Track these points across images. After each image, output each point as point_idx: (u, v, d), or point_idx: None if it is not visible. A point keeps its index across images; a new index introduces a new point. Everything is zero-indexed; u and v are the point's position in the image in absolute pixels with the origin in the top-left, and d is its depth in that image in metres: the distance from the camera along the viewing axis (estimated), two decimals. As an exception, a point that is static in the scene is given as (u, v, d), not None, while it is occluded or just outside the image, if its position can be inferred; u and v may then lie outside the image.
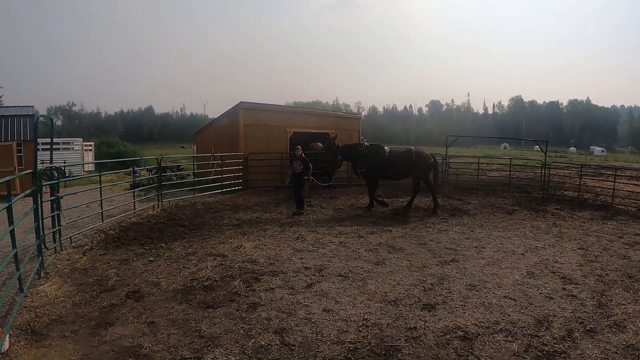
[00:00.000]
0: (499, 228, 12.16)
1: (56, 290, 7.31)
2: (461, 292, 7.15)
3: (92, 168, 31.89)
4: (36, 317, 6.26)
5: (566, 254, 9.50)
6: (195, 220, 13.07)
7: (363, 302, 6.75)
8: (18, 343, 5.51)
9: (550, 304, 6.69)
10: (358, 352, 5.21)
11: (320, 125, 23.64)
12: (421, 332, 5.71)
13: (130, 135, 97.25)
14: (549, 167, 18.65)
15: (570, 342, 5.44)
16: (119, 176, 24.57)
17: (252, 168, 19.95)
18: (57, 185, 9.84)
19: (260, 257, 9.22)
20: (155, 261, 8.98)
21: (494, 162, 29.87)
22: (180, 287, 7.45)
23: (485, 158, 28.67)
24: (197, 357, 5.15)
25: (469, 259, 9.11)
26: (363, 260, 9.01)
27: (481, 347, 5.32)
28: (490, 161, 29.95)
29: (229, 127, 21.85)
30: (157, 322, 6.11)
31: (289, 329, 5.85)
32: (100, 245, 10.29)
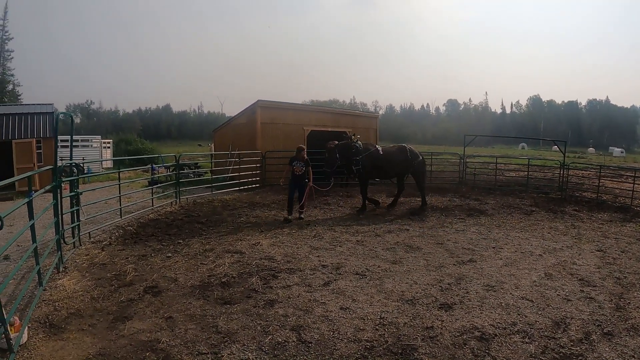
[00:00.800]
0: (517, 229, 12.08)
1: (75, 284, 7.40)
2: (478, 293, 7.12)
3: (111, 165, 32.18)
4: (55, 311, 6.34)
5: (584, 256, 9.42)
6: (213, 217, 13.15)
7: (380, 301, 6.75)
8: (36, 335, 5.58)
9: (567, 306, 6.64)
10: (374, 351, 5.22)
11: (338, 123, 23.66)
12: (438, 332, 5.70)
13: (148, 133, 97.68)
14: (567, 167, 18.47)
15: (587, 345, 5.39)
16: (137, 173, 24.82)
17: (269, 166, 20.01)
18: (76, 181, 9.95)
19: (277, 254, 9.26)
20: (172, 257, 9.05)
21: (512, 162, 29.64)
22: (198, 283, 7.51)
23: (503, 158, 28.52)
24: (214, 352, 5.18)
25: (487, 259, 9.07)
26: (380, 259, 9.00)
27: (498, 348, 5.30)
28: (508, 161, 29.75)
29: (246, 125, 21.92)
30: (174, 317, 6.16)
31: (305, 326, 5.86)
32: (118, 240, 10.39)
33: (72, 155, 10.05)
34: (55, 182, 8.27)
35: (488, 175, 22.46)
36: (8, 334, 4.94)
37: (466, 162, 21.54)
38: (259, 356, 5.10)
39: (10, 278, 5.93)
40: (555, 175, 20.33)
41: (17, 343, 5.15)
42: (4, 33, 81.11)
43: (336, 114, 25.75)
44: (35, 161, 20.74)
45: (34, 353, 5.19)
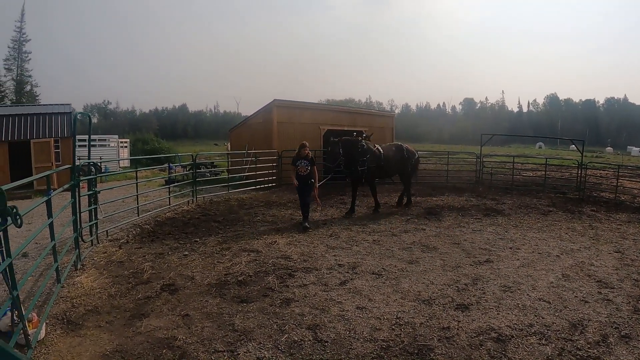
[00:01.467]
0: (534, 229, 11.99)
1: (92, 281, 7.49)
2: (495, 293, 7.08)
3: (128, 164, 32.45)
4: (72, 307, 6.43)
5: (602, 257, 9.32)
6: (229, 216, 13.23)
7: (396, 301, 6.75)
8: (54, 332, 5.67)
9: (585, 307, 6.57)
10: (390, 350, 5.22)
11: (354, 123, 23.67)
12: (454, 333, 5.69)
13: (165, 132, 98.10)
14: (585, 167, 18.28)
15: (604, 348, 5.33)
16: (153, 172, 24.98)
17: (285, 165, 20.04)
18: (94, 180, 10.06)
19: (293, 253, 9.29)
20: (189, 255, 9.13)
21: (529, 161, 29.43)
22: (215, 281, 7.57)
23: (520, 157, 28.30)
24: (231, 350, 5.22)
25: (503, 259, 9.02)
26: (397, 259, 9.00)
27: (514, 349, 5.27)
28: (525, 160, 29.51)
29: (262, 125, 22.03)
30: (191, 315, 6.21)
31: (322, 325, 5.88)
32: (135, 239, 10.50)
33: (90, 155, 10.16)
34: (73, 181, 8.36)
35: (505, 175, 22.33)
36: (26, 330, 5.03)
37: (483, 162, 21.42)
38: (275, 354, 5.13)
39: (29, 275, 6.01)
40: (573, 175, 20.16)
41: (35, 339, 5.24)
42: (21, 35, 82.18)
43: (352, 113, 25.78)
44: (53, 160, 21.01)
45: (52, 349, 5.27)
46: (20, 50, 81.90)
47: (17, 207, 4.58)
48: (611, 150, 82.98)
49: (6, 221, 4.49)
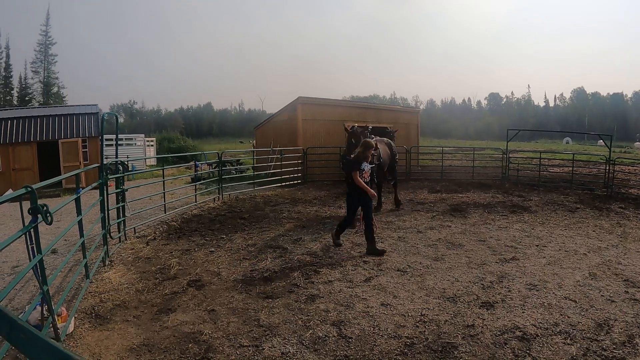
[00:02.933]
0: (561, 226, 11.86)
1: (120, 277, 7.65)
2: (521, 291, 7.04)
3: (154, 162, 32.79)
4: (100, 302, 6.58)
5: (630, 256, 9.17)
6: (255, 213, 13.33)
7: (421, 298, 6.75)
8: (82, 326, 5.81)
9: (611, 307, 6.48)
10: (414, 348, 5.23)
11: (379, 119, 23.64)
12: (479, 330, 5.68)
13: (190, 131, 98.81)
14: (613, 163, 17.99)
15: (630, 348, 5.25)
16: (180, 170, 25.24)
17: (310, 162, 20.15)
18: (121, 178, 10.23)
19: (319, 250, 9.36)
20: (215, 252, 9.24)
21: (556, 157, 29.07)
22: (240, 277, 7.66)
23: (546, 153, 28.00)
24: (256, 345, 5.28)
25: (530, 257, 8.94)
26: (422, 256, 8.99)
27: (539, 348, 5.24)
28: (552, 156, 29.18)
29: (287, 122, 22.13)
30: (217, 310, 6.30)
31: (346, 321, 5.92)
32: (162, 235, 10.66)
33: (117, 153, 10.33)
34: (101, 179, 8.53)
35: (532, 171, 22.12)
36: (56, 324, 5.18)
37: (509, 158, 21.23)
38: (299, 350, 5.18)
39: (59, 271, 6.17)
40: (601, 171, 19.86)
41: (64, 332, 5.39)
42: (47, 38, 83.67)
43: (377, 110, 25.76)
44: (81, 159, 21.36)
45: (80, 342, 5.39)
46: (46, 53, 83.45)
47: (48, 205, 4.70)
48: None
49: (37, 219, 4.62)
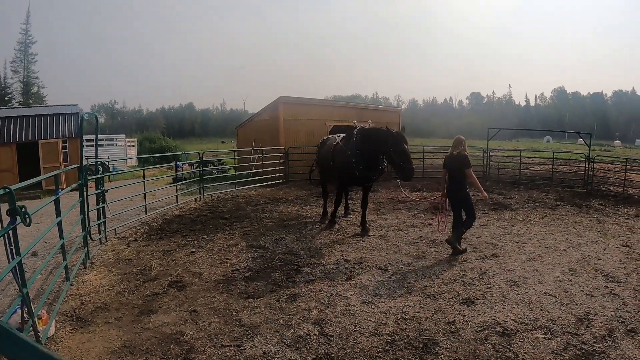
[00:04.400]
0: (541, 223, 11.97)
1: (101, 279, 7.57)
2: (501, 288, 7.10)
3: (135, 163, 32.58)
4: (81, 305, 6.50)
5: (609, 251, 9.30)
6: (237, 213, 13.29)
7: (402, 295, 6.78)
8: (63, 329, 5.73)
9: (591, 302, 6.57)
10: (396, 345, 5.25)
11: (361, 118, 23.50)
12: (459, 327, 5.71)
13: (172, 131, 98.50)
14: (593, 161, 18.20)
15: (610, 342, 5.33)
16: (161, 170, 25.09)
17: (292, 162, 20.12)
18: (101, 179, 10.14)
19: (300, 249, 9.35)
20: (197, 252, 9.19)
21: (537, 155, 29.35)
22: (222, 277, 7.63)
23: (527, 151, 28.22)
24: (237, 345, 5.26)
25: (510, 254, 9.02)
26: (403, 254, 9.04)
27: (519, 343, 5.28)
28: (532, 154, 29.42)
29: (269, 122, 22.11)
30: (198, 310, 6.27)
31: (328, 320, 5.92)
32: (143, 236, 10.57)
33: (97, 154, 10.23)
34: (81, 180, 8.43)
35: (512, 169, 22.30)
36: (36, 327, 5.09)
37: (490, 156, 21.39)
38: (281, 349, 5.17)
39: (39, 273, 6.07)
40: (581, 169, 20.08)
41: (45, 336, 5.30)
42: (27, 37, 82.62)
43: (359, 109, 25.74)
44: (61, 160, 21.14)
45: (61, 345, 5.32)
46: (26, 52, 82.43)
47: (26, 206, 4.64)
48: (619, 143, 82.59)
49: (15, 220, 4.55)
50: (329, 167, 11.50)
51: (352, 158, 10.20)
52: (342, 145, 10.84)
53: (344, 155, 10.52)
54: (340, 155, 10.76)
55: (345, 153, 10.47)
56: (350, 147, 10.39)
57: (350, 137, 10.67)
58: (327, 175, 12.41)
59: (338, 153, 10.93)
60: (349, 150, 10.39)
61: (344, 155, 10.52)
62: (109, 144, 34.23)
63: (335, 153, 11.09)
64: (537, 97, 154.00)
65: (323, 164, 12.09)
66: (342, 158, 10.57)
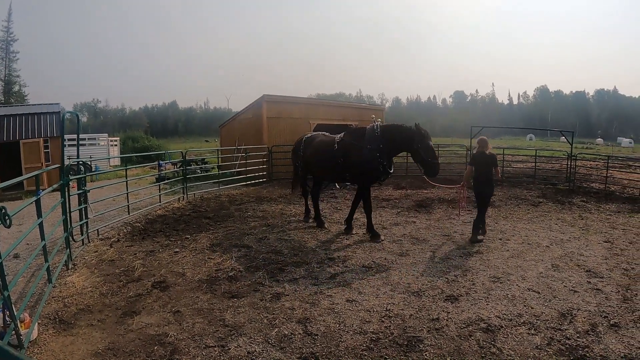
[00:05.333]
0: (524, 220, 12.06)
1: (84, 280, 7.48)
2: (484, 284, 7.14)
3: (118, 162, 32.33)
4: (64, 307, 6.42)
5: (591, 247, 9.40)
6: (220, 213, 13.23)
7: (386, 293, 6.79)
8: (46, 332, 5.67)
9: (574, 297, 6.63)
10: (380, 342, 5.26)
11: (344, 116, 23.72)
12: (444, 324, 5.73)
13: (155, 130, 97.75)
14: (575, 158, 18.40)
15: (593, 336, 5.39)
16: (144, 170, 24.92)
17: (276, 160, 20.07)
18: (83, 179, 10.02)
19: (284, 248, 9.34)
20: (180, 252, 9.13)
21: (520, 153, 29.57)
22: (205, 277, 7.59)
23: (510, 149, 28.39)
24: (221, 345, 5.24)
25: (493, 251, 9.09)
26: (387, 252, 9.05)
27: (503, 339, 5.32)
28: (515, 152, 29.62)
29: (252, 120, 22.04)
30: (182, 311, 6.23)
31: (312, 318, 5.92)
32: (126, 237, 10.48)
33: (79, 154, 10.12)
34: (62, 180, 8.33)
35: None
36: (18, 330, 5.01)
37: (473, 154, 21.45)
38: (265, 349, 5.15)
39: (20, 276, 5.98)
40: (563, 166, 20.26)
41: (28, 339, 5.23)
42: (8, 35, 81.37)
43: (342, 107, 25.83)
44: (43, 160, 20.90)
45: (44, 348, 5.26)
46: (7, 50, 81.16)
47: (6, 207, 4.57)
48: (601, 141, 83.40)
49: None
50: (330, 165, 10.81)
51: (376, 153, 9.89)
52: (352, 141, 10.39)
53: (364, 152, 10.02)
54: (356, 152, 10.19)
55: (364, 149, 10.02)
56: (371, 143, 10.00)
57: (362, 133, 10.24)
58: (317, 174, 11.80)
59: (351, 150, 10.33)
60: (370, 145, 9.98)
61: (364, 152, 10.02)
62: (91, 143, 33.91)
63: (346, 150, 10.43)
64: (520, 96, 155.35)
65: (314, 163, 11.35)
66: (364, 155, 10.03)
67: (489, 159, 10.11)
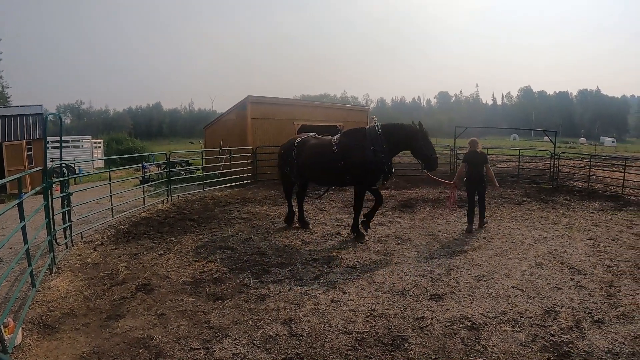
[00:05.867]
0: (508, 219, 12.15)
1: (68, 284, 7.40)
2: (469, 283, 7.17)
3: (102, 164, 32.12)
4: (48, 311, 6.34)
5: (575, 245, 9.49)
6: (205, 214, 13.17)
7: (371, 293, 6.80)
8: (31, 337, 5.59)
9: (558, 294, 6.69)
10: (365, 342, 5.25)
11: (328, 117, 23.72)
12: (428, 322, 5.75)
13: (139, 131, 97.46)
14: (558, 157, 18.62)
15: (577, 333, 5.43)
16: (128, 172, 24.75)
17: (260, 162, 20.03)
18: (67, 182, 9.93)
19: (268, 249, 9.32)
20: (165, 255, 9.07)
21: (503, 153, 29.79)
22: (190, 279, 7.54)
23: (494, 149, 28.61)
24: (206, 347, 5.21)
25: (477, 249, 9.14)
26: (371, 252, 9.07)
27: (488, 337, 5.34)
28: (499, 152, 29.85)
29: (237, 121, 21.98)
30: (167, 314, 6.18)
31: (297, 319, 5.91)
32: (110, 240, 10.38)
33: (62, 156, 10.03)
34: (45, 183, 8.25)
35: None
36: (2, 335, 4.96)
37: (457, 154, 21.59)
38: (250, 350, 5.13)
39: (3, 280, 5.94)
40: (547, 165, 20.43)
41: (12, 344, 5.16)
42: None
43: (327, 108, 25.82)
44: (26, 163, 20.68)
45: (29, 354, 5.20)
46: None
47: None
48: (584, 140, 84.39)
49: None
50: (329, 168, 10.45)
51: (381, 154, 9.83)
52: (352, 143, 10.19)
53: (367, 153, 9.91)
54: (358, 153, 10.02)
55: (367, 150, 9.91)
56: (375, 144, 9.90)
57: (362, 134, 10.15)
58: (314, 179, 11.34)
59: (352, 151, 10.11)
60: (373, 146, 9.89)
61: (367, 153, 9.91)
62: (74, 145, 33.65)
63: (347, 152, 10.16)
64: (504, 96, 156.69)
65: (311, 167, 10.83)
66: (367, 156, 9.91)
67: (480, 157, 11.31)
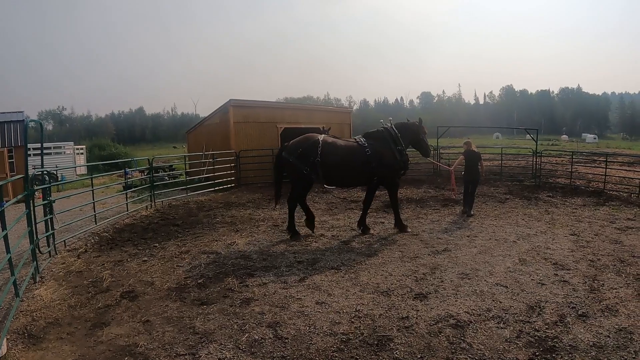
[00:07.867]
0: (491, 217, 12.23)
1: (52, 293, 7.33)
2: (453, 281, 7.20)
3: (84, 171, 31.83)
4: (33, 321, 6.28)
5: (558, 241, 9.58)
6: (188, 219, 13.10)
7: (355, 294, 6.80)
8: (15, 347, 5.53)
9: (542, 290, 6.74)
10: (350, 343, 5.25)
11: (312, 120, 23.71)
12: (413, 322, 5.76)
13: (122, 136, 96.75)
14: (540, 155, 18.77)
15: (562, 327, 5.48)
16: (111, 178, 24.56)
17: (243, 165, 19.99)
18: (49, 189, 9.83)
19: (253, 253, 9.28)
20: (149, 261, 9.00)
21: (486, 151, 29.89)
22: (174, 285, 7.49)
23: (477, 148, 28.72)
24: (192, 353, 5.18)
25: (461, 248, 9.19)
26: (355, 253, 9.08)
27: (473, 334, 5.36)
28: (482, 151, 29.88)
29: (219, 125, 21.91)
30: (151, 320, 6.14)
31: (282, 322, 5.89)
32: (94, 247, 10.30)
33: (44, 163, 9.93)
34: (27, 190, 8.16)
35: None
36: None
37: (440, 153, 21.70)
38: (236, 354, 5.11)
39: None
40: (529, 163, 20.58)
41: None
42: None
43: (310, 110, 25.83)
44: (7, 171, 20.43)
45: (14, 364, 5.14)
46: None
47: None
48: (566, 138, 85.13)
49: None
50: (361, 171, 10.40)
51: (405, 152, 10.83)
52: (380, 144, 10.50)
53: (396, 153, 10.58)
54: (389, 154, 10.45)
55: (395, 150, 10.57)
56: (398, 144, 10.59)
57: (382, 135, 10.69)
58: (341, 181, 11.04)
59: (384, 153, 10.38)
60: (400, 147, 10.63)
61: (396, 153, 10.58)
62: (56, 152, 33.28)
63: (380, 154, 10.32)
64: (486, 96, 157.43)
65: (341, 169, 10.38)
66: (398, 156, 10.60)
67: (476, 155, 13.58)
